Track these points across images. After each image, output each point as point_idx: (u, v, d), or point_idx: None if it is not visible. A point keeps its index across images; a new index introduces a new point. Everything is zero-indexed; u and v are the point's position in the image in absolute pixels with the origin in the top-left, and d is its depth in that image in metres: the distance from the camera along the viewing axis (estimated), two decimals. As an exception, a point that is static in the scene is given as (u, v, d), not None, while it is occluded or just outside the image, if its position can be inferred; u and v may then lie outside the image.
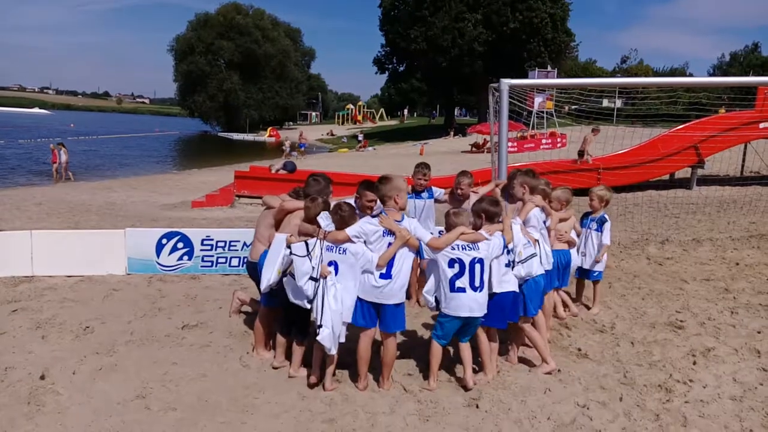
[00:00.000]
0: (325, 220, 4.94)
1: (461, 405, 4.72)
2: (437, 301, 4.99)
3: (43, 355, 5.52)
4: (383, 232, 4.80)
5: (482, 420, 4.48)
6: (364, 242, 4.80)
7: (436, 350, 4.99)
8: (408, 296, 5.23)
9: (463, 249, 4.84)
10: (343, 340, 4.85)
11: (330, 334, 4.69)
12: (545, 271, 5.58)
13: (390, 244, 4.77)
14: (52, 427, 4.32)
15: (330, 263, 4.84)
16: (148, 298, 7.31)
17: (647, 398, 4.81)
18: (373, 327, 4.92)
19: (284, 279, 5.06)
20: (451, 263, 4.84)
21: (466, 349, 5.04)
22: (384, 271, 4.77)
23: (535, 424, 4.43)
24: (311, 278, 4.78)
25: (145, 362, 5.41)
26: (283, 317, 5.34)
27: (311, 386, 4.95)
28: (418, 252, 5.22)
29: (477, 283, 4.84)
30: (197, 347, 5.81)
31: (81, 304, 7.05)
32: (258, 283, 5.79)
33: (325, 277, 4.75)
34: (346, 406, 4.68)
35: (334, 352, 4.80)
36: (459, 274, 4.82)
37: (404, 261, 4.83)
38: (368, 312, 4.86)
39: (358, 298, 4.85)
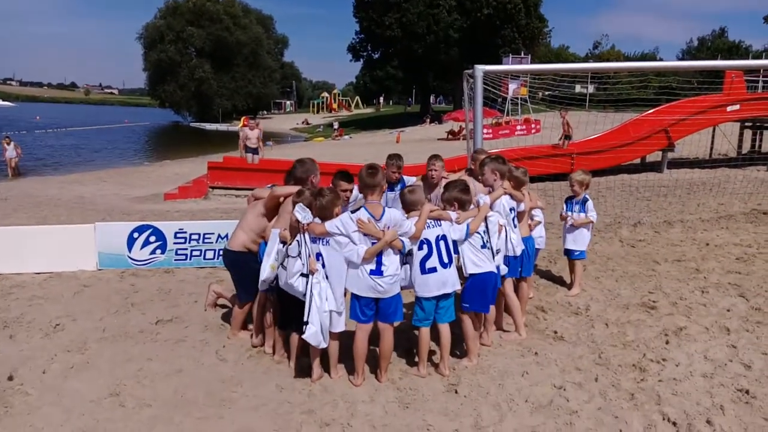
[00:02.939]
0: (302, 212, 4.83)
1: (440, 391, 4.74)
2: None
3: (11, 355, 5.39)
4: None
5: (461, 405, 4.50)
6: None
7: (425, 336, 4.99)
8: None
9: (428, 227, 4.85)
10: (342, 328, 4.83)
11: (316, 332, 4.64)
12: (514, 257, 5.62)
13: (375, 242, 4.66)
14: (22, 428, 4.22)
15: (317, 255, 4.77)
16: (121, 294, 7.18)
17: (622, 378, 4.88)
18: (371, 322, 4.86)
19: (279, 272, 5.00)
20: (420, 245, 4.84)
21: (445, 332, 5.00)
22: (374, 267, 4.68)
23: (513, 407, 4.47)
24: (302, 275, 4.73)
25: (119, 359, 5.32)
26: (280, 311, 5.25)
27: (315, 380, 4.89)
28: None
29: (446, 260, 4.86)
30: (172, 342, 5.73)
31: (51, 301, 6.91)
32: (235, 273, 5.77)
33: (313, 273, 4.69)
34: (325, 396, 4.66)
35: (324, 345, 4.75)
36: (428, 255, 4.83)
37: (391, 254, 4.74)
38: (366, 307, 4.79)
39: (354, 294, 4.78)
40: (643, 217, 11.38)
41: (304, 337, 4.66)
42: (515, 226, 5.67)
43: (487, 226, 5.18)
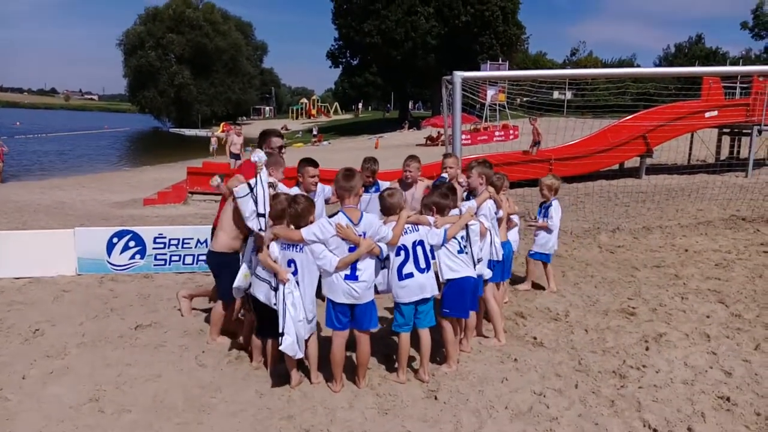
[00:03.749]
0: (256, 155, 4.89)
1: (420, 397, 4.74)
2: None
3: (-10, 361, 5.32)
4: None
5: (441, 411, 4.50)
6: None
7: (404, 341, 4.95)
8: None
9: (405, 233, 4.83)
10: (311, 332, 4.82)
11: (293, 343, 4.62)
12: (497, 261, 5.67)
13: (352, 249, 4.61)
14: (1, 434, 4.18)
15: (289, 262, 4.73)
16: (100, 299, 7.12)
17: (602, 384, 4.90)
18: (347, 329, 4.80)
19: (252, 280, 4.98)
20: (397, 251, 4.82)
21: (425, 337, 4.98)
22: (348, 272, 4.63)
23: (493, 413, 4.47)
24: (272, 287, 4.71)
25: (98, 364, 5.26)
26: (257, 318, 5.22)
27: (294, 386, 4.86)
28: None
29: (423, 265, 4.85)
30: (151, 347, 5.68)
31: (30, 306, 6.82)
32: (215, 274, 5.77)
33: (284, 283, 4.64)
34: (305, 402, 4.64)
35: (300, 355, 4.73)
36: (405, 260, 4.82)
37: (367, 259, 4.69)
38: (341, 314, 4.72)
39: (330, 301, 4.72)
40: (622, 222, 11.50)
41: (281, 348, 4.62)
42: (497, 232, 5.72)
43: (467, 232, 5.19)
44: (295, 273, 4.72)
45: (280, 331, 4.61)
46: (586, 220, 11.86)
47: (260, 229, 4.83)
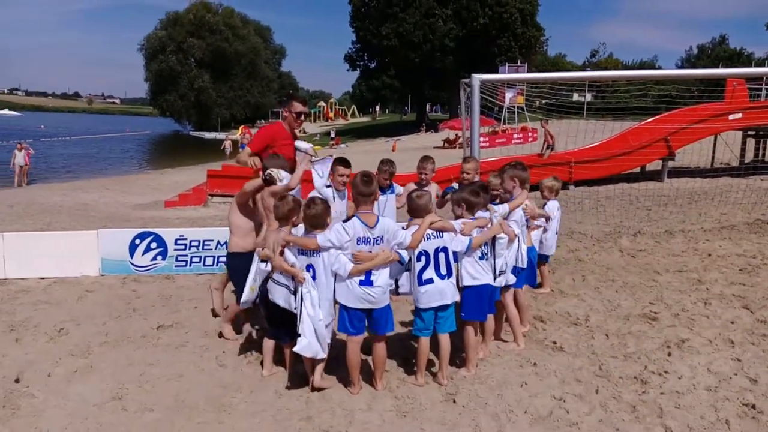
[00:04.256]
0: (279, 175, 5.02)
1: (438, 400, 4.72)
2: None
3: (18, 358, 5.42)
4: (358, 240, 4.60)
5: (459, 415, 4.49)
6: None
7: (424, 345, 4.93)
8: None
9: (427, 239, 4.79)
10: (328, 339, 4.78)
11: (309, 344, 4.62)
12: (521, 268, 5.62)
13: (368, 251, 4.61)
14: (28, 430, 4.24)
15: (307, 267, 4.70)
16: (123, 299, 7.21)
17: (623, 390, 4.84)
18: (362, 334, 4.78)
19: (270, 286, 4.97)
20: (419, 256, 4.78)
21: (445, 341, 4.95)
22: (363, 277, 4.61)
23: (512, 417, 4.44)
24: (291, 292, 4.71)
25: (121, 363, 5.34)
26: (267, 322, 5.25)
27: (313, 390, 4.84)
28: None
29: (444, 271, 4.81)
30: (173, 347, 5.75)
31: (55, 306, 6.94)
32: (232, 274, 5.84)
33: (302, 283, 4.63)
34: (323, 403, 4.66)
35: (322, 355, 4.72)
36: (425, 266, 4.78)
37: (382, 265, 4.68)
38: (356, 319, 4.70)
39: (343, 306, 4.70)
40: (644, 226, 11.38)
41: (296, 349, 4.62)
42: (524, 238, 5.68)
43: (493, 244, 5.16)
44: (314, 277, 4.69)
45: (298, 332, 4.62)
46: (607, 223, 11.76)
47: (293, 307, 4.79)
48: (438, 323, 4.93)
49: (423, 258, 4.78)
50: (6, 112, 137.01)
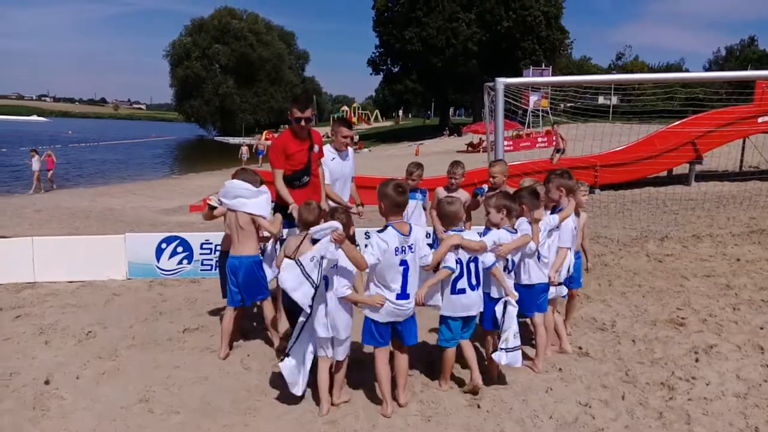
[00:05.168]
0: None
1: (463, 405, 4.71)
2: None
3: (47, 360, 5.52)
4: (396, 250, 4.37)
5: (484, 420, 4.47)
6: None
7: (450, 355, 4.89)
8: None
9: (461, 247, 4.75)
10: (343, 356, 4.63)
11: (293, 368, 4.52)
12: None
13: (403, 262, 4.41)
14: (57, 431, 4.32)
15: (323, 279, 4.52)
16: (149, 303, 7.31)
17: (650, 396, 4.79)
18: (388, 345, 4.64)
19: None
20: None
21: (468, 347, 4.94)
22: (399, 291, 4.44)
23: (537, 423, 4.42)
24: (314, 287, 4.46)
25: (148, 366, 5.41)
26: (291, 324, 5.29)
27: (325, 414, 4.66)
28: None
29: (474, 282, 4.77)
30: (198, 350, 5.81)
31: (83, 309, 7.05)
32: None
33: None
34: (347, 407, 4.67)
35: (297, 392, 4.60)
36: (459, 276, 4.73)
37: (416, 277, 4.56)
38: (384, 331, 4.54)
39: (372, 321, 4.53)
40: (671, 231, 11.24)
41: (279, 365, 4.53)
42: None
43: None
44: (326, 288, 4.51)
45: (287, 350, 4.56)
46: (634, 228, 11.63)
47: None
48: (462, 332, 4.91)
49: (458, 267, 4.70)
50: (35, 118, 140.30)
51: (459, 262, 4.70)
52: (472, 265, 4.76)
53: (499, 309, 4.88)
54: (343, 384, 4.78)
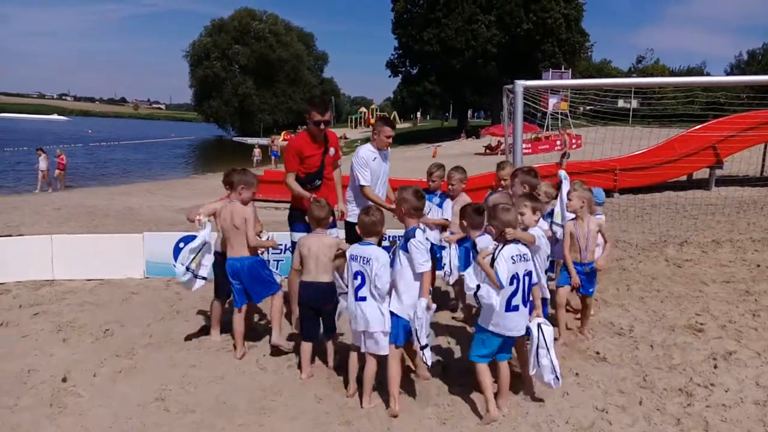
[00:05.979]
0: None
1: (478, 409, 4.68)
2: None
3: (65, 358, 5.58)
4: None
5: (500, 424, 4.45)
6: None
7: (485, 373, 4.55)
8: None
9: (520, 260, 4.50)
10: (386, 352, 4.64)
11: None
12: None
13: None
14: (74, 428, 4.36)
15: (356, 274, 4.63)
16: (167, 301, 7.36)
17: (667, 402, 4.75)
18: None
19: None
20: (511, 280, 4.42)
21: (505, 370, 4.64)
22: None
23: (553, 428, 4.39)
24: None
25: (164, 365, 5.45)
26: (302, 324, 5.32)
27: (350, 396, 4.83)
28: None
29: (526, 298, 4.58)
30: (215, 350, 5.84)
31: (100, 307, 7.12)
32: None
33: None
34: (363, 408, 4.67)
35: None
36: (515, 292, 4.45)
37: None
38: (406, 331, 4.59)
39: (396, 316, 4.56)
40: (690, 236, 11.11)
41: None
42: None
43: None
44: (361, 285, 4.62)
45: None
46: (653, 232, 11.52)
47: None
48: (500, 351, 4.64)
49: (515, 282, 4.45)
50: (56, 117, 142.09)
51: (516, 276, 4.46)
52: (526, 279, 4.53)
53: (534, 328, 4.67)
54: (372, 386, 4.74)
